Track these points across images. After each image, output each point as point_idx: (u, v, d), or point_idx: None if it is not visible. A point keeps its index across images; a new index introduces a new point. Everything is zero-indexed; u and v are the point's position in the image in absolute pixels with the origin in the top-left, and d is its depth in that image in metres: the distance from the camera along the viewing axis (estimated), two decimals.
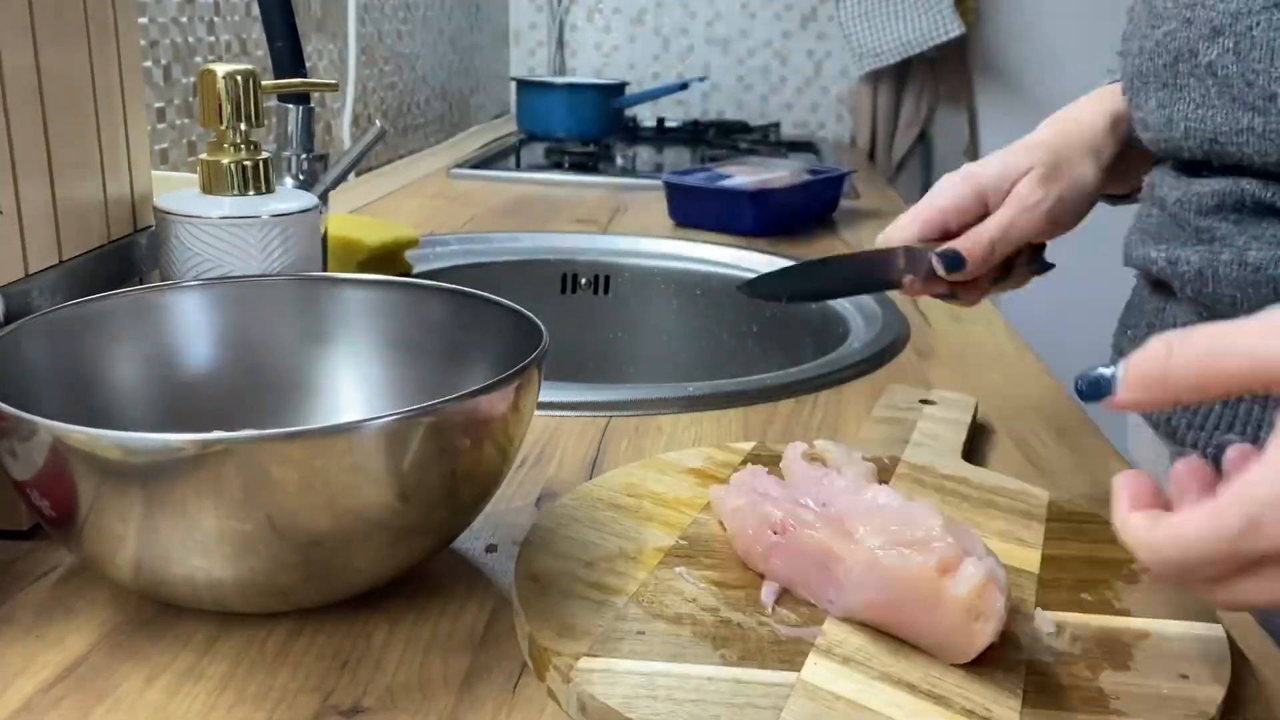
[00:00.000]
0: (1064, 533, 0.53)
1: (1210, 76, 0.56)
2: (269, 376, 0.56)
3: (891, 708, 0.39)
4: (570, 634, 0.42)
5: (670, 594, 0.46)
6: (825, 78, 2.39)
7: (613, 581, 0.46)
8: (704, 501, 0.54)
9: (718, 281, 1.16)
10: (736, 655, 0.42)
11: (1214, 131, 0.57)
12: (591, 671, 0.40)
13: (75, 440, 0.38)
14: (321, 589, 0.43)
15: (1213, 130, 0.57)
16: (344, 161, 0.74)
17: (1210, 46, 0.56)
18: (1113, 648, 0.43)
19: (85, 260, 0.56)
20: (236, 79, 0.59)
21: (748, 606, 0.45)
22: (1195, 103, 0.58)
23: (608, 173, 1.67)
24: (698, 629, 0.43)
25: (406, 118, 1.73)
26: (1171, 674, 0.42)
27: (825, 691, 0.40)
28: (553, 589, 0.46)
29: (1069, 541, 0.52)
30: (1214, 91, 0.56)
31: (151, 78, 1.02)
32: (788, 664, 0.41)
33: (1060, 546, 0.51)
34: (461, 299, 0.55)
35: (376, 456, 0.39)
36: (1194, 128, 0.58)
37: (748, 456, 0.60)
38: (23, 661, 0.42)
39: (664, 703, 0.39)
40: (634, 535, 0.50)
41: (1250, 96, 0.54)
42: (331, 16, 1.42)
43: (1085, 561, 0.50)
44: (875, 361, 0.82)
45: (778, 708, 0.39)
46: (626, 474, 0.57)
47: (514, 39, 2.42)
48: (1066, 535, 0.52)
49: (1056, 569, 0.49)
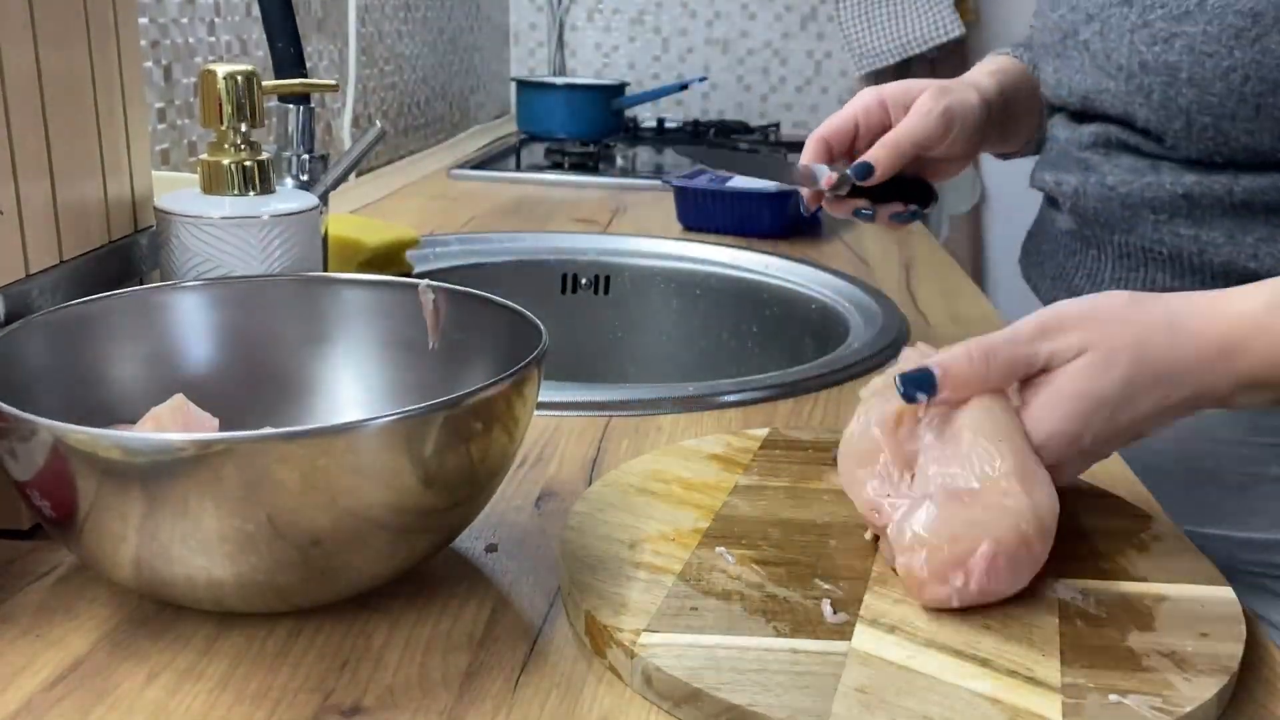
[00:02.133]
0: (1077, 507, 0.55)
1: (1084, 50, 0.73)
2: (269, 376, 0.56)
3: (942, 671, 0.41)
4: (627, 611, 0.44)
5: (715, 572, 0.48)
6: (825, 78, 2.39)
7: (658, 561, 0.48)
8: (730, 485, 0.56)
9: (717, 281, 1.16)
10: (789, 627, 0.44)
11: (1085, 90, 0.74)
12: (655, 646, 0.42)
13: (75, 440, 0.38)
14: (322, 589, 0.43)
15: (1084, 90, 0.74)
16: (344, 162, 0.74)
17: (1085, 28, 0.73)
18: (1135, 610, 0.46)
19: (86, 260, 0.56)
20: (237, 79, 0.59)
21: (791, 582, 0.47)
22: (1074, 69, 0.74)
23: (608, 173, 1.67)
24: (747, 604, 0.45)
25: (407, 118, 1.73)
26: (1193, 633, 0.45)
27: (877, 658, 0.42)
28: (600, 570, 0.47)
29: (1082, 516, 0.54)
30: (1088, 62, 0.73)
31: (152, 78, 1.02)
32: (838, 634, 0.43)
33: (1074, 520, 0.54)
34: (461, 299, 0.55)
35: (376, 457, 0.39)
36: (1075, 88, 0.75)
37: (764, 442, 0.62)
38: (23, 661, 0.42)
39: (728, 673, 0.41)
40: (670, 518, 0.52)
41: (1109, 66, 0.71)
42: (331, 17, 1.42)
43: (1101, 533, 0.53)
44: (875, 361, 0.82)
45: (835, 674, 0.41)
46: (652, 461, 0.59)
47: (514, 39, 2.42)
48: (1079, 510, 0.55)
49: (1075, 540, 0.52)
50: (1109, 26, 0.70)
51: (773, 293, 1.12)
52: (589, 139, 1.81)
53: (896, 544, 0.47)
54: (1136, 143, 0.72)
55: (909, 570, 0.46)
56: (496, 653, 0.44)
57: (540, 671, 0.43)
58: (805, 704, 0.39)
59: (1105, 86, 0.71)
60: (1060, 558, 0.49)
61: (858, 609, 0.45)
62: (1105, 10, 0.71)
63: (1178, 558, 0.51)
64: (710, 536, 0.51)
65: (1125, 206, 0.73)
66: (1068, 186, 0.77)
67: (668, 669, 0.41)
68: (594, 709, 0.41)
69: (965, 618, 0.45)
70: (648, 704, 0.41)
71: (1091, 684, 0.41)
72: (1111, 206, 0.73)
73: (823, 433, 0.64)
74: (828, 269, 1.10)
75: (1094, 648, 0.43)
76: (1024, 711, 0.39)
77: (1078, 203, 0.76)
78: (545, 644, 0.45)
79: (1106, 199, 0.74)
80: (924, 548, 0.45)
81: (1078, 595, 0.47)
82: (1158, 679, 0.41)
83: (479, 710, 0.40)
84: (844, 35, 2.22)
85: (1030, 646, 0.43)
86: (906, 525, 0.47)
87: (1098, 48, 0.71)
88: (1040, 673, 0.41)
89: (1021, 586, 0.47)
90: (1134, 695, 0.40)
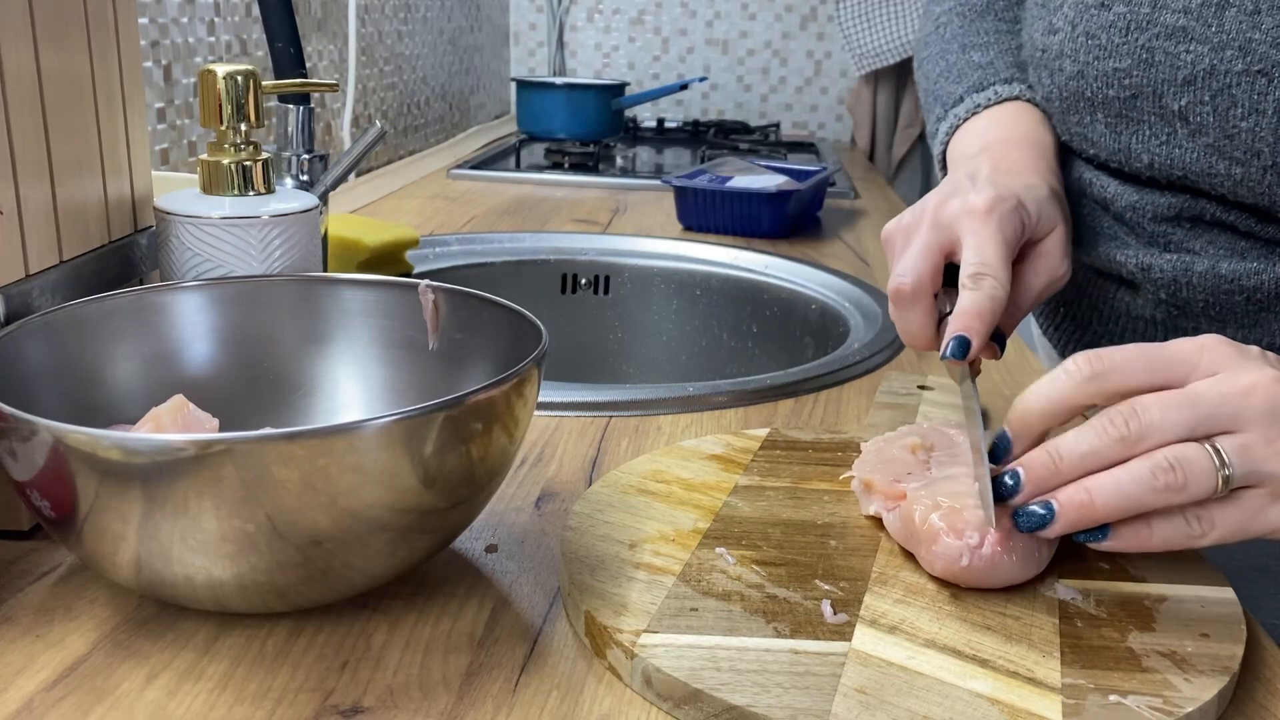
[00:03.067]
0: None
1: (1179, 121, 0.58)
2: (269, 376, 0.56)
3: (942, 671, 0.41)
4: (627, 612, 0.44)
5: (715, 573, 0.48)
6: (825, 78, 2.39)
7: (658, 562, 0.48)
8: (730, 485, 0.56)
9: (717, 282, 1.16)
10: (789, 628, 0.44)
11: (1184, 168, 0.59)
12: (654, 646, 0.42)
13: (75, 440, 0.38)
14: (322, 589, 0.43)
15: (1183, 167, 0.59)
16: (344, 162, 0.74)
17: (1180, 94, 0.58)
18: (1135, 611, 0.46)
19: (86, 260, 0.56)
20: (237, 79, 0.59)
21: (791, 582, 0.47)
22: (1160, 139, 0.60)
23: (607, 173, 1.67)
24: (747, 604, 0.45)
25: (406, 118, 1.73)
26: (1193, 633, 0.45)
27: (877, 659, 0.42)
28: (600, 570, 0.47)
29: None
30: (1183, 134, 0.59)
31: (152, 78, 1.02)
32: (838, 635, 0.43)
33: None
34: (461, 299, 0.55)
35: (376, 457, 0.39)
36: (1159, 160, 0.60)
37: (764, 443, 0.62)
38: (23, 661, 0.42)
39: (727, 673, 0.41)
40: (669, 518, 0.52)
41: (1230, 149, 0.57)
42: (331, 17, 1.42)
43: None
44: (875, 361, 0.82)
45: (835, 675, 0.41)
46: (651, 461, 0.58)
47: (514, 39, 2.42)
48: None
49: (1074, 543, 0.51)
50: (1226, 99, 0.56)
51: (773, 293, 1.12)
52: (589, 139, 1.81)
53: (917, 503, 0.48)
54: (1234, 220, 0.60)
55: (925, 522, 0.47)
56: (496, 653, 0.44)
57: (540, 672, 0.43)
58: (805, 704, 0.39)
59: (1220, 170, 0.58)
60: (1060, 558, 0.49)
61: (858, 609, 0.45)
62: (1217, 78, 0.56)
63: (1178, 558, 0.50)
64: (710, 537, 0.51)
65: (1251, 301, 0.60)
66: (1161, 274, 0.62)
67: (667, 669, 0.41)
68: (594, 709, 0.41)
69: (965, 618, 0.45)
70: (647, 704, 0.41)
71: (1092, 684, 0.41)
72: (1231, 299, 0.60)
73: (823, 433, 0.64)
74: (828, 269, 1.10)
75: (1094, 648, 0.43)
76: (1024, 712, 0.39)
77: (1178, 292, 0.62)
78: (545, 644, 0.45)
79: (1224, 290, 0.60)
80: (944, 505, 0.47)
81: (1078, 595, 0.47)
82: (1158, 679, 0.41)
83: (479, 711, 0.40)
84: (844, 35, 2.22)
85: (1030, 647, 0.43)
86: (928, 490, 0.48)
87: (1207, 122, 0.57)
88: (1040, 673, 0.41)
89: (1028, 576, 0.47)
90: (1134, 696, 0.40)
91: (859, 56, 2.21)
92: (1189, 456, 0.42)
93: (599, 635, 0.44)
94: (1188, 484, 0.42)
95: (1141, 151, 0.61)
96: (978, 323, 0.52)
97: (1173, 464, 0.42)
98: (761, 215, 1.24)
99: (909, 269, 0.55)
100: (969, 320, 0.52)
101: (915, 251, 0.56)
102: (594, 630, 0.44)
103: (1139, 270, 0.63)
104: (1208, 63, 0.56)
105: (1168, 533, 0.43)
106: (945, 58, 0.76)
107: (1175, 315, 0.64)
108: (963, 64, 0.75)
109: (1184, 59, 0.57)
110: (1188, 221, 0.61)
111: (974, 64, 0.74)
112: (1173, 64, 0.57)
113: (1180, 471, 0.42)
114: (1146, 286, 0.64)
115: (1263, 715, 0.42)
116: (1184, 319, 0.64)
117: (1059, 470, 0.44)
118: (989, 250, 0.54)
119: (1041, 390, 0.46)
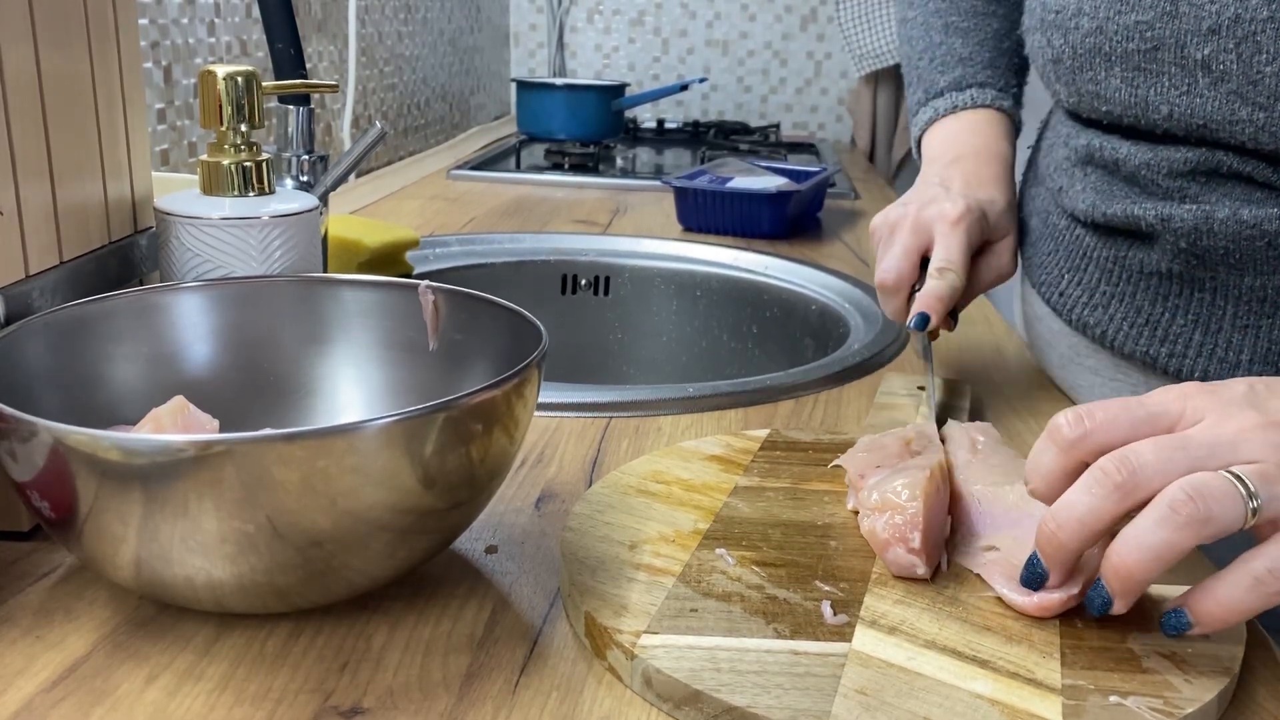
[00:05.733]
0: None
1: (1201, 70, 0.60)
2: (269, 377, 0.56)
3: (942, 672, 0.41)
4: (627, 612, 0.44)
5: (715, 573, 0.48)
6: (825, 79, 2.39)
7: (658, 563, 0.48)
8: (730, 486, 0.56)
9: (717, 282, 1.16)
10: (789, 629, 0.44)
11: (1205, 117, 0.61)
12: (654, 647, 0.42)
13: (75, 441, 0.38)
14: (321, 590, 0.43)
15: (1203, 116, 0.61)
16: (344, 162, 0.74)
17: (1204, 44, 0.59)
18: (1135, 612, 0.45)
19: (86, 261, 0.56)
20: (237, 80, 0.59)
21: (791, 583, 0.47)
22: (1180, 89, 0.61)
23: (607, 174, 1.67)
24: (747, 605, 0.45)
25: (407, 119, 1.73)
26: (1193, 635, 0.44)
27: (878, 660, 0.42)
28: (600, 571, 0.47)
29: None
30: (1204, 83, 0.60)
31: (152, 79, 1.02)
32: (838, 635, 0.43)
33: None
34: (461, 300, 0.55)
35: (376, 457, 0.39)
36: (1179, 111, 0.62)
37: (764, 444, 0.62)
38: (23, 662, 0.42)
39: (728, 674, 0.41)
40: (670, 519, 0.52)
41: (1254, 94, 0.58)
42: (332, 17, 1.42)
43: None
44: (875, 362, 0.82)
45: (835, 676, 0.41)
46: (651, 462, 0.58)
47: (514, 40, 2.42)
48: None
49: None
50: (1251, 45, 0.57)
51: (773, 293, 1.12)
52: (589, 140, 1.81)
53: (863, 505, 0.49)
54: (1250, 170, 0.61)
55: (871, 533, 0.48)
56: (496, 654, 0.44)
57: (540, 673, 0.43)
58: (805, 705, 0.39)
59: (1242, 117, 0.59)
60: None
61: (858, 610, 0.45)
62: (1242, 24, 0.57)
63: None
64: (710, 538, 0.51)
65: (1273, 247, 0.61)
66: (1181, 223, 0.63)
67: (668, 670, 0.41)
68: (594, 710, 0.41)
69: (966, 619, 0.45)
70: (648, 705, 0.41)
71: (1092, 685, 0.41)
72: (1253, 245, 0.61)
73: (823, 433, 0.64)
74: (828, 269, 1.10)
75: (1094, 649, 0.43)
76: (1024, 713, 0.39)
77: (1198, 241, 0.63)
78: (545, 645, 0.45)
79: (1245, 236, 0.61)
80: (888, 510, 0.47)
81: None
82: (1158, 680, 0.41)
83: (479, 712, 0.40)
84: (844, 36, 2.22)
85: (1030, 648, 0.43)
86: (876, 489, 0.49)
87: (1231, 69, 0.58)
88: (1041, 674, 0.41)
89: None
90: (1134, 697, 0.40)
91: (859, 57, 2.21)
92: (1205, 482, 0.40)
93: (599, 636, 0.44)
94: (1212, 513, 0.39)
95: (1160, 103, 0.63)
96: (938, 304, 0.66)
97: (1190, 494, 0.39)
98: (761, 216, 1.24)
99: (892, 267, 0.70)
100: (931, 302, 0.67)
101: (897, 252, 0.70)
102: (594, 631, 0.44)
103: (1159, 221, 0.64)
104: (1233, 11, 0.58)
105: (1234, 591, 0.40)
106: (929, 35, 0.85)
107: (1193, 265, 0.64)
108: (945, 50, 0.84)
109: (1209, 9, 0.58)
110: (1203, 175, 0.63)
111: (955, 54, 0.83)
112: (1197, 14, 0.59)
113: (1200, 501, 0.39)
114: (1166, 237, 0.65)
115: (1262, 716, 0.42)
116: (1202, 268, 0.64)
117: (1062, 543, 0.42)
118: (954, 251, 0.69)
119: (1032, 468, 0.45)
